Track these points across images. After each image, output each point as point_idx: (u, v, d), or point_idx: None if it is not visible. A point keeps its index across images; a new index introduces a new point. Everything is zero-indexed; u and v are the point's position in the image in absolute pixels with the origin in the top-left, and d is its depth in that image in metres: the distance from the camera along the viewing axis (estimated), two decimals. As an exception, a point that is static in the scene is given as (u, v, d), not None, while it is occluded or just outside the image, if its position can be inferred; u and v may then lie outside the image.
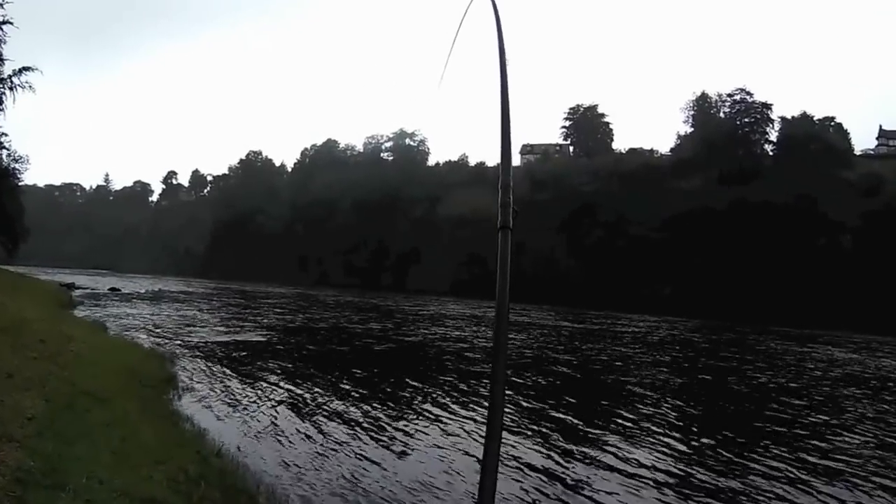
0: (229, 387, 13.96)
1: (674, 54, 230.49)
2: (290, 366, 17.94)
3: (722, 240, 71.43)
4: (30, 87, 41.34)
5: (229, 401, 12.54)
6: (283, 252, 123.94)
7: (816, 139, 76.87)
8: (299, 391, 13.99)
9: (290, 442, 9.84)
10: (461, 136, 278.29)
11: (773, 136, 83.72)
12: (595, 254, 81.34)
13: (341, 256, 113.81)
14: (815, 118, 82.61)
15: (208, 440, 8.89)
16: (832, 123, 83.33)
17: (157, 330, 24.25)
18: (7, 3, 37.90)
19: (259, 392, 13.61)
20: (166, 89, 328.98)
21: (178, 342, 20.89)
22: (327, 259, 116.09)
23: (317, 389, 14.35)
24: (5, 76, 40.44)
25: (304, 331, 28.26)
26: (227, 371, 16.15)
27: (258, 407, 12.18)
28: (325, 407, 12.49)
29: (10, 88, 40.62)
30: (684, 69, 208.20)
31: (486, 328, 32.95)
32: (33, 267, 79.28)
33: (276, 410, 11.97)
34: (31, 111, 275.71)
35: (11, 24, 39.15)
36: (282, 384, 14.72)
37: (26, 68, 41.45)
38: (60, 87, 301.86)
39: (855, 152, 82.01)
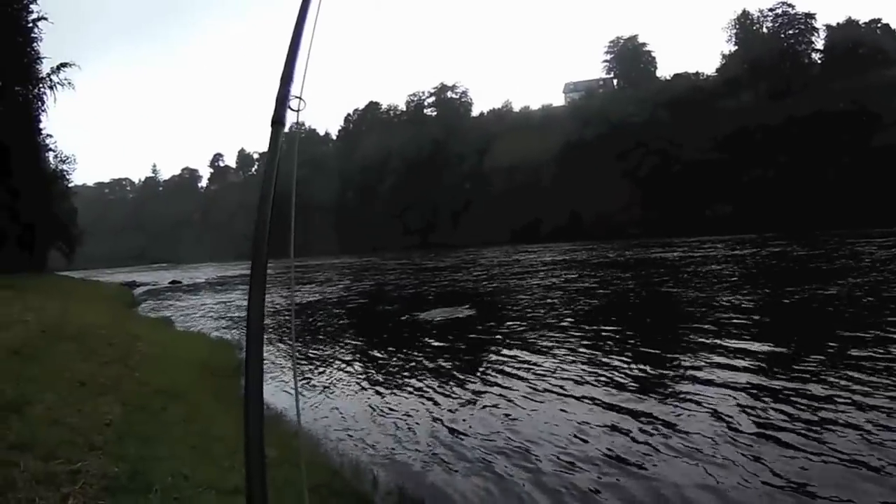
0: (302, 366, 14.33)
1: None
2: (359, 339, 18.27)
3: (777, 153, 72.48)
4: (69, 84, 41.79)
5: (305, 380, 12.91)
6: (336, 221, 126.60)
7: (863, 43, 77.31)
8: (374, 363, 14.28)
9: (370, 416, 10.08)
10: (504, 81, 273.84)
11: (819, 45, 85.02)
12: (652, 183, 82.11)
13: (395, 218, 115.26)
14: (860, 22, 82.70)
15: (285, 422, 9.20)
16: (879, 25, 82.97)
17: (223, 318, 25.06)
18: None
19: (331, 369, 13.97)
20: (205, 70, 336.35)
21: (243, 329, 21.37)
22: (381, 223, 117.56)
23: (392, 360, 14.57)
24: (44, 75, 40.97)
25: (370, 301, 28.58)
26: (298, 349, 16.58)
27: (332, 385, 12.51)
28: (401, 377, 12.68)
29: (51, 87, 41.16)
30: None
31: (553, 271, 32.76)
32: (92, 270, 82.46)
33: (353, 385, 12.26)
34: (75, 108, 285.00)
35: (46, 20, 39.39)
36: (356, 358, 15.04)
37: (64, 64, 41.92)
38: (101, 82, 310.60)
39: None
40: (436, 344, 16.06)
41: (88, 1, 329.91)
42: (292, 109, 1.99)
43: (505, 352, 14.37)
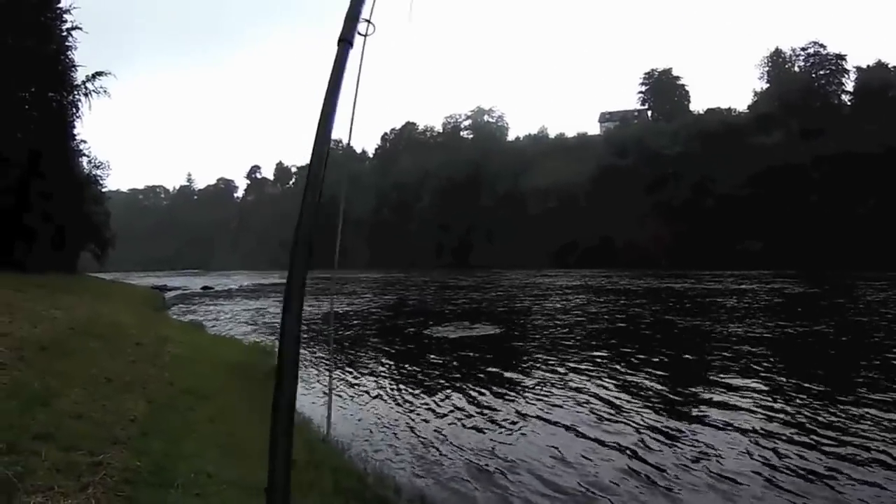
0: (330, 376, 14.39)
1: (743, 10, 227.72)
2: (391, 349, 18.39)
3: (807, 192, 73.81)
4: (105, 91, 42.85)
5: (334, 388, 12.94)
6: (370, 237, 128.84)
7: (893, 86, 78.22)
8: (401, 374, 14.38)
9: (395, 424, 10.15)
10: (540, 108, 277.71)
11: (850, 87, 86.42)
12: (684, 214, 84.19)
13: (429, 237, 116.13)
14: (890, 66, 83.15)
15: (314, 427, 9.23)
16: None
17: (254, 324, 25.32)
18: (74, 8, 39.63)
19: (362, 378, 14.07)
20: (243, 84, 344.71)
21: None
22: (416, 241, 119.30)
23: (420, 372, 14.69)
24: (78, 82, 41.99)
25: (402, 314, 28.77)
26: (328, 358, 16.67)
27: (361, 393, 12.60)
28: (428, 388, 12.78)
29: (86, 94, 42.00)
30: (755, 25, 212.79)
31: (584, 297, 32.63)
32: (124, 272, 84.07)
33: (380, 394, 12.34)
34: (113, 116, 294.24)
35: (80, 29, 40.63)
36: (384, 368, 15.15)
37: (100, 73, 42.95)
38: (141, 91, 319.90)
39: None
40: (455, 359, 16.21)
41: (134, 11, 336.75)
42: (360, 34, 1.93)
43: (523, 370, 14.63)
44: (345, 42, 1.78)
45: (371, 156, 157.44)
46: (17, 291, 17.47)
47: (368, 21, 1.85)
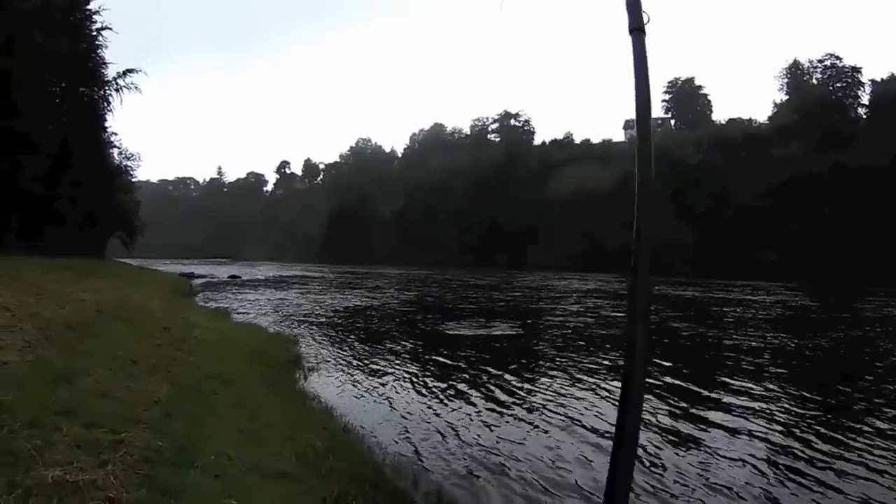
0: (354, 366, 14.44)
1: (764, 21, 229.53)
2: (411, 343, 18.38)
3: (824, 204, 73.68)
4: (136, 87, 45.15)
5: (355, 378, 12.97)
6: (397, 235, 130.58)
7: None
8: (421, 368, 14.35)
9: (413, 417, 10.09)
10: (566, 114, 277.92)
11: (865, 99, 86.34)
12: (704, 223, 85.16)
13: (455, 237, 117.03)
14: None
15: (335, 417, 9.25)
16: None
17: (280, 313, 25.43)
18: (104, 10, 41.44)
19: (383, 369, 14.04)
20: (275, 83, 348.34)
21: (302, 324, 21.83)
22: (441, 240, 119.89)
23: (439, 367, 14.66)
24: (109, 78, 44.11)
25: (424, 310, 28.77)
26: (352, 350, 16.76)
27: (383, 383, 12.58)
28: (446, 383, 12.72)
29: (116, 90, 44.45)
30: (775, 36, 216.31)
31: (600, 302, 32.49)
32: (152, 259, 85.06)
33: (399, 387, 12.30)
34: (144, 111, 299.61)
35: (111, 29, 42.99)
36: (404, 362, 15.13)
37: (130, 70, 45.40)
38: (175, 86, 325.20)
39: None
40: (471, 356, 16.16)
41: (171, 11, 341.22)
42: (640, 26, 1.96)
43: (536, 369, 14.70)
44: (639, 32, 1.84)
45: (399, 155, 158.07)
46: (46, 273, 17.73)
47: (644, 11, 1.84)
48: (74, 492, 3.69)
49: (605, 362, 14.93)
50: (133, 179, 63.65)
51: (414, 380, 12.97)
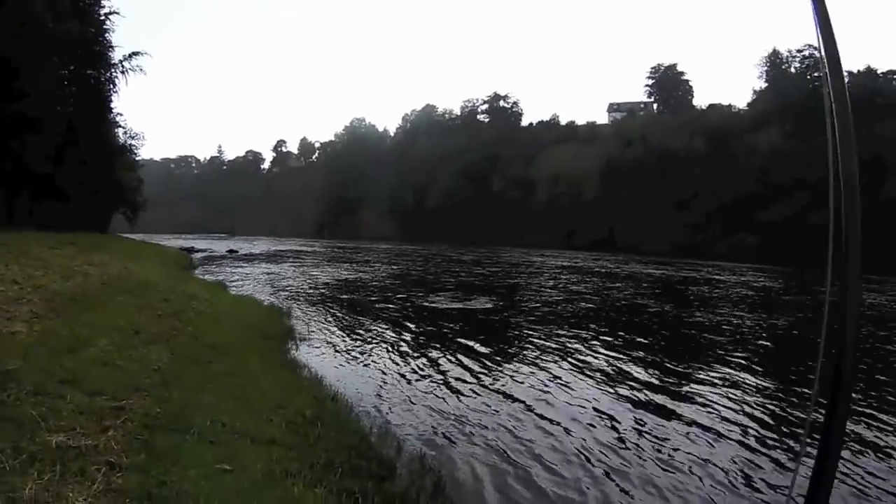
0: (343, 337, 14.48)
1: (746, 12, 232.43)
2: (400, 315, 18.42)
3: (799, 190, 72.00)
4: (140, 69, 45.05)
5: (344, 349, 13.01)
6: (389, 212, 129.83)
7: (881, 93, 76.53)
8: (406, 339, 14.43)
9: (399, 386, 10.18)
10: (552, 95, 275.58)
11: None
12: (685, 206, 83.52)
13: (444, 215, 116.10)
14: (878, 72, 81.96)
15: (324, 386, 9.25)
16: (895, 77, 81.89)
17: (276, 286, 25.38)
18: None
19: (372, 341, 14.09)
20: (274, 62, 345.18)
21: (295, 297, 21.81)
22: (432, 218, 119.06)
23: (422, 337, 14.75)
24: (115, 61, 43.83)
25: (413, 283, 28.91)
26: (342, 322, 16.78)
27: (371, 354, 12.64)
28: (433, 353, 12.81)
29: (122, 72, 44.23)
30: (756, 25, 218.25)
31: (575, 277, 32.55)
32: (154, 234, 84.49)
33: (388, 357, 12.37)
34: (148, 91, 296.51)
35: (118, 13, 42.88)
36: (393, 333, 15.19)
37: (135, 53, 45.16)
38: (177, 68, 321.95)
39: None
40: (454, 328, 16.29)
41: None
42: None
43: (513, 340, 14.94)
44: None
45: (392, 134, 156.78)
46: (51, 248, 17.60)
47: None
48: (77, 457, 3.70)
49: (573, 335, 14.97)
50: (137, 158, 63.23)
51: (399, 350, 13.04)
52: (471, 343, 13.94)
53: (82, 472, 3.52)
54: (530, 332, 15.76)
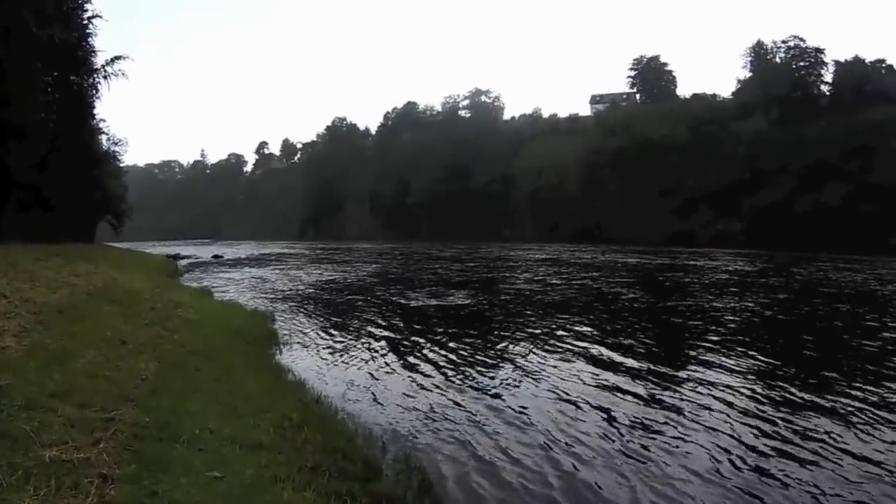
0: (326, 338, 14.50)
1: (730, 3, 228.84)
2: (380, 314, 18.41)
3: (785, 177, 72.81)
4: (123, 74, 43.82)
5: (328, 352, 13.01)
6: (371, 212, 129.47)
7: (869, 81, 77.41)
8: (387, 338, 14.43)
9: (382, 386, 10.21)
10: (534, 88, 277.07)
11: (828, 79, 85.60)
12: (669, 195, 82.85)
13: (427, 212, 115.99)
14: (867, 61, 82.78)
15: (309, 389, 9.30)
16: (884, 65, 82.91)
17: (260, 290, 25.29)
18: None
19: (353, 341, 14.13)
20: (253, 63, 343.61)
21: (280, 301, 21.73)
22: (414, 215, 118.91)
23: (402, 335, 14.79)
24: (98, 66, 42.66)
25: (392, 281, 28.84)
26: (324, 323, 16.79)
27: (353, 355, 12.65)
28: (413, 351, 12.86)
29: (105, 77, 42.93)
30: (739, 16, 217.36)
31: (563, 270, 32.71)
32: (140, 242, 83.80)
33: (369, 357, 12.39)
34: (130, 96, 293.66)
35: (101, 17, 41.62)
36: (374, 332, 15.21)
37: (118, 57, 43.80)
38: (157, 72, 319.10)
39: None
40: (436, 326, 16.28)
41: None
42: None
43: (495, 334, 14.94)
44: None
45: (373, 133, 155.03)
46: (38, 260, 17.43)
47: None
48: (70, 470, 3.76)
49: (557, 326, 14.76)
50: (121, 165, 62.45)
51: (380, 349, 13.06)
52: (451, 339, 14.02)
53: (76, 486, 3.59)
54: (511, 326, 15.82)
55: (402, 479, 6.18)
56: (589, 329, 15.14)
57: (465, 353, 12.58)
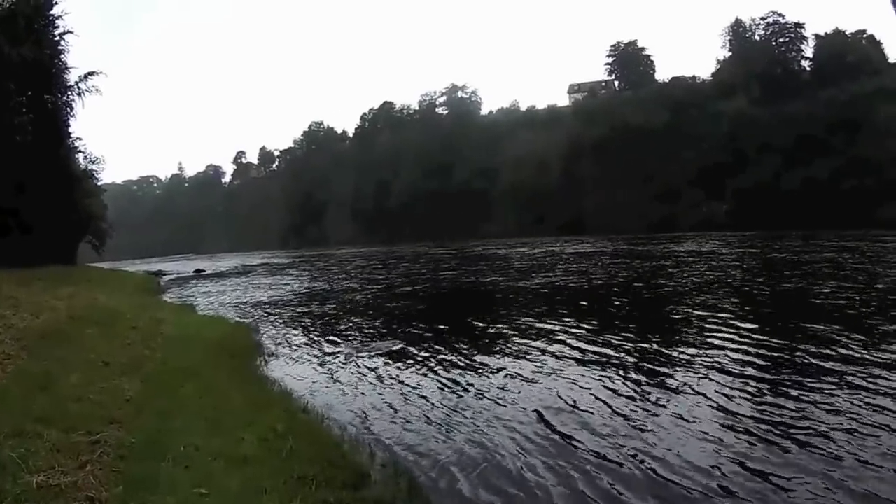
0: (310, 347, 14.45)
1: None
2: (367, 323, 18.28)
3: (771, 155, 71.32)
4: (97, 90, 42.94)
5: (313, 361, 12.96)
6: (352, 214, 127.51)
7: (850, 53, 76.33)
8: (369, 345, 14.27)
9: (370, 394, 10.09)
10: (511, 81, 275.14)
11: (809, 53, 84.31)
12: (653, 181, 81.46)
13: (408, 212, 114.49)
14: (847, 32, 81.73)
15: (294, 399, 9.28)
16: (864, 36, 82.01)
17: (242, 303, 25.12)
18: (67, 14, 39.44)
19: (337, 349, 14.02)
20: (228, 71, 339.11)
21: (262, 312, 21.61)
22: (395, 216, 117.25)
23: (386, 341, 14.59)
24: (72, 83, 41.71)
25: (380, 288, 28.59)
26: (307, 333, 16.69)
27: (340, 364, 12.53)
28: (402, 360, 12.67)
29: (79, 94, 42.01)
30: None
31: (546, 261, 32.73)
32: (122, 260, 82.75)
33: (356, 366, 12.26)
34: (107, 111, 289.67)
35: (72, 33, 40.78)
36: (355, 340, 15.08)
37: (91, 73, 42.91)
38: (131, 86, 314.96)
39: (890, 61, 78.77)
40: (422, 330, 16.16)
41: (119, 10, 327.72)
42: None
43: (478, 334, 15.02)
44: None
45: (351, 135, 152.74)
46: (21, 286, 17.26)
47: None
48: (57, 495, 3.81)
49: (547, 325, 14.51)
50: (99, 183, 61.35)
51: (366, 356, 13.01)
52: (436, 342, 13.94)
53: (64, 510, 3.63)
54: (499, 327, 15.66)
55: (391, 484, 6.17)
56: (582, 329, 14.67)
57: (452, 357, 12.47)
